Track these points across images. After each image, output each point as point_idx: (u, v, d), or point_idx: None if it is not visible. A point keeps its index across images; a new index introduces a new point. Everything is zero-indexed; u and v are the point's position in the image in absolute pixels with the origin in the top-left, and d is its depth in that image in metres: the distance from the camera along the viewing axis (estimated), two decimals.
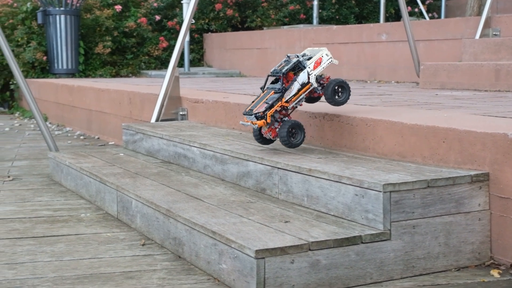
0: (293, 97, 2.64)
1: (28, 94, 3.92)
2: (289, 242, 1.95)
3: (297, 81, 2.64)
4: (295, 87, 2.64)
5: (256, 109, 2.60)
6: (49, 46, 8.05)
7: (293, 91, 2.64)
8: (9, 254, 2.34)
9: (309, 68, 2.66)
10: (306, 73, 2.65)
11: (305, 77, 2.65)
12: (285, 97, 2.63)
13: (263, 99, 2.64)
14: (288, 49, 7.66)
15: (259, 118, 2.59)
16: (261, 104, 2.62)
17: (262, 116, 2.58)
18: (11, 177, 3.85)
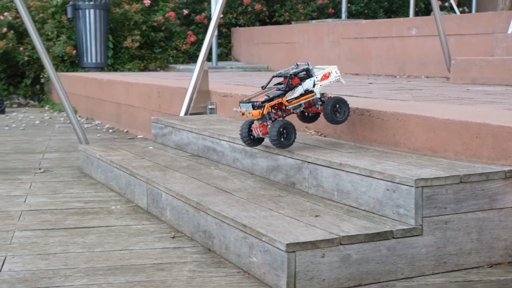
0: (294, 99, 2.59)
1: (59, 88, 3.96)
2: (320, 236, 1.95)
3: (301, 86, 2.60)
4: (299, 90, 2.60)
5: (255, 99, 2.56)
6: (79, 40, 8.12)
7: (295, 93, 2.59)
8: (42, 245, 2.37)
9: (316, 78, 2.62)
10: (313, 81, 2.61)
11: (311, 84, 2.61)
12: (287, 97, 2.58)
13: (264, 93, 2.61)
14: (316, 43, 7.64)
15: (256, 108, 2.52)
16: (261, 96, 2.59)
17: (259, 106, 2.52)
18: (42, 169, 3.90)
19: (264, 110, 2.52)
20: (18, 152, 4.55)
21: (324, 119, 2.69)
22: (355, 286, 1.96)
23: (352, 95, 3.66)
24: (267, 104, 2.53)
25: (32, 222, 2.69)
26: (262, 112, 2.52)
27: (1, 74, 8.13)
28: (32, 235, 2.51)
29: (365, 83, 4.97)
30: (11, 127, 6.08)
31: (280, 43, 8.34)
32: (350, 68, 7.09)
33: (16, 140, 5.19)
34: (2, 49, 7.92)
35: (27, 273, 2.06)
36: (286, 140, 2.55)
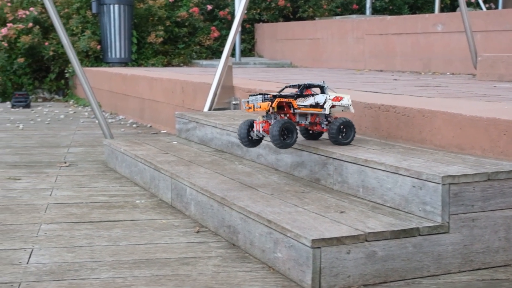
0: (303, 107, 2.56)
1: (84, 83, 3.99)
2: (345, 232, 1.94)
3: (313, 97, 2.58)
4: (309, 100, 2.57)
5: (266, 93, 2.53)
6: (103, 35, 8.17)
7: (306, 102, 2.56)
8: (68, 238, 2.39)
9: (329, 96, 2.59)
10: (325, 97, 2.58)
11: (322, 99, 2.58)
12: (297, 101, 2.55)
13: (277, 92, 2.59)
14: (340, 39, 7.60)
15: (266, 100, 2.47)
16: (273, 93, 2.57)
17: (270, 98, 2.46)
18: (68, 163, 3.93)
19: (273, 103, 2.47)
20: (44, 146, 4.59)
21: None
22: (380, 283, 1.95)
23: (377, 91, 3.64)
24: (278, 99, 2.48)
25: (58, 215, 2.71)
26: (271, 105, 2.46)
27: (27, 69, 8.21)
28: (58, 228, 2.53)
29: (389, 80, 4.94)
30: (37, 121, 6.14)
31: (303, 39, 8.31)
32: (374, 65, 7.04)
33: (41, 134, 5.24)
34: (28, 44, 7.99)
35: (54, 266, 2.08)
36: (288, 140, 2.48)
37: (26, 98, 7.44)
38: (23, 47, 8.01)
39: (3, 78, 8.03)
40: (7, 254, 2.19)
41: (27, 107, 7.36)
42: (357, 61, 7.29)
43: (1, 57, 8.03)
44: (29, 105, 7.41)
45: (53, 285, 1.91)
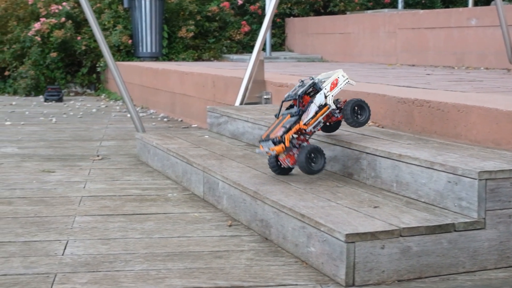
0: (310, 120, 2.50)
1: (117, 77, 4.02)
2: (379, 227, 1.93)
3: (314, 103, 2.50)
4: (312, 109, 2.50)
5: (273, 134, 2.47)
6: (134, 30, 8.23)
7: (310, 114, 2.49)
8: (102, 230, 2.42)
9: (326, 90, 2.52)
10: (323, 94, 2.51)
11: (322, 98, 2.51)
12: (303, 120, 2.48)
13: (280, 124, 2.51)
14: (371, 34, 7.55)
15: (277, 143, 2.44)
16: (278, 128, 2.50)
17: (280, 140, 2.44)
18: (100, 156, 3.97)
19: (285, 143, 2.44)
20: (77, 140, 4.64)
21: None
22: (414, 278, 1.94)
23: (410, 86, 3.60)
24: (287, 136, 2.44)
25: (92, 208, 2.74)
26: (285, 145, 2.45)
27: (59, 63, 8.30)
28: (92, 220, 2.55)
29: (422, 74, 4.89)
30: (69, 115, 6.20)
31: (334, 34, 8.27)
32: (406, 59, 6.98)
33: (74, 128, 5.30)
34: (61, 39, 8.08)
35: (89, 257, 2.10)
36: (316, 165, 2.45)
37: (58, 92, 7.52)
38: (56, 41, 8.10)
39: (36, 72, 8.14)
40: (42, 246, 2.22)
41: (59, 101, 7.44)
42: (389, 56, 7.23)
43: (35, 52, 8.13)
44: (61, 99, 7.49)
45: (88, 277, 1.93)
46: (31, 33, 8.16)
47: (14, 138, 4.66)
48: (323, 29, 8.51)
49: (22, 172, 3.48)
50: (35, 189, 3.07)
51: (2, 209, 2.70)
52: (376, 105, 3.08)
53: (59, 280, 1.90)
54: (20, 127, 5.27)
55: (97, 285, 1.86)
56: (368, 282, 1.89)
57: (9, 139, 4.62)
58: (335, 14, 9.15)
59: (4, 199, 2.87)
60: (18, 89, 8.13)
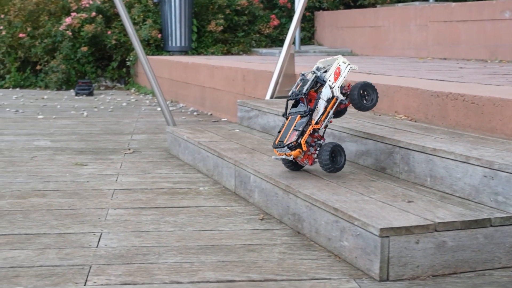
0: (321, 116, 2.45)
1: (149, 71, 4.04)
2: (414, 221, 1.91)
3: (321, 99, 2.44)
4: (321, 105, 2.44)
5: (288, 139, 2.42)
6: (164, 24, 8.26)
7: (320, 110, 2.44)
8: (135, 223, 2.43)
9: (330, 81, 2.45)
10: (328, 87, 2.44)
11: (328, 92, 2.44)
12: (314, 119, 2.44)
13: (291, 127, 2.46)
14: (402, 27, 7.48)
15: (293, 148, 2.41)
16: (290, 132, 2.44)
17: (296, 145, 2.40)
18: (131, 149, 3.99)
19: (302, 147, 2.41)
20: (108, 133, 4.68)
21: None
22: (450, 274, 1.92)
23: (443, 79, 3.56)
24: (303, 140, 2.40)
25: (125, 201, 2.76)
26: (302, 150, 2.41)
27: (90, 57, 8.37)
28: (125, 213, 2.57)
29: (455, 68, 4.83)
30: (100, 108, 6.26)
31: (364, 27, 8.21)
32: (438, 53, 6.90)
33: (105, 121, 5.34)
34: (91, 33, 8.15)
35: (123, 250, 2.12)
36: (337, 164, 2.44)
37: (89, 86, 7.59)
38: (87, 36, 8.17)
39: (67, 66, 8.22)
40: (77, 238, 2.24)
41: (90, 95, 7.51)
42: (420, 49, 7.15)
43: (66, 46, 8.21)
44: (92, 93, 7.56)
45: (122, 269, 1.94)
46: (62, 28, 8.25)
47: (46, 132, 4.72)
48: (353, 23, 8.45)
49: (55, 165, 3.52)
50: (68, 182, 3.10)
51: (36, 201, 2.74)
52: (409, 98, 3.05)
53: (94, 272, 1.91)
54: (52, 121, 5.33)
55: (132, 277, 1.87)
56: (403, 277, 1.88)
57: (42, 133, 4.67)
58: (365, 7, 9.08)
59: (39, 192, 2.90)
60: (50, 83, 8.23)
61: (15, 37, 8.45)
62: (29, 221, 2.44)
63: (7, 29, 8.48)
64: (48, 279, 1.85)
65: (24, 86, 8.46)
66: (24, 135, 4.56)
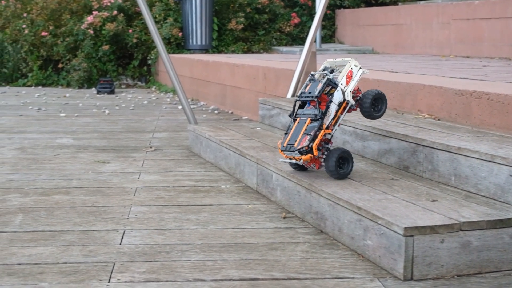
0: (332, 121, 2.39)
1: (170, 69, 4.05)
2: (438, 221, 1.89)
3: (333, 102, 2.37)
4: (333, 109, 2.38)
5: (299, 144, 2.36)
6: (185, 23, 8.28)
7: (331, 115, 2.37)
8: (157, 220, 2.44)
9: (342, 85, 2.38)
10: (340, 91, 2.38)
11: (340, 95, 2.38)
12: (325, 123, 2.37)
13: (301, 130, 2.39)
14: (424, 25, 7.42)
15: (305, 153, 2.34)
16: (301, 136, 2.37)
17: (307, 150, 2.34)
18: (153, 147, 4.01)
19: (314, 152, 2.34)
20: (129, 131, 4.70)
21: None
22: (475, 273, 1.90)
23: (467, 77, 3.53)
24: (314, 146, 2.34)
25: (147, 198, 2.77)
26: (313, 155, 2.35)
27: (111, 56, 8.42)
28: (148, 210, 2.58)
29: (478, 66, 4.79)
30: (121, 107, 6.29)
31: (386, 25, 8.16)
32: (460, 51, 6.84)
33: (126, 119, 5.37)
34: (112, 32, 8.19)
35: (146, 247, 2.12)
36: (344, 170, 2.40)
37: (110, 85, 7.64)
38: (108, 34, 8.22)
39: (88, 64, 8.27)
40: (100, 235, 2.25)
41: (111, 93, 7.55)
42: (442, 47, 7.10)
43: (87, 45, 8.26)
44: (113, 91, 7.60)
45: (145, 266, 1.95)
46: (84, 26, 8.30)
47: (69, 129, 4.75)
48: (375, 21, 8.41)
49: (78, 162, 3.54)
50: (91, 180, 3.12)
51: (60, 198, 2.75)
52: (432, 97, 3.03)
53: (117, 269, 1.92)
54: (74, 119, 5.37)
55: (155, 275, 1.88)
56: (427, 277, 1.86)
57: (64, 130, 4.71)
58: (386, 5, 9.03)
59: (62, 189, 2.92)
60: (71, 81, 8.29)
61: (37, 36, 8.52)
62: (53, 218, 2.46)
63: (30, 27, 8.56)
64: (72, 276, 1.86)
65: (46, 84, 8.53)
66: (47, 132, 4.60)
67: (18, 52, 8.56)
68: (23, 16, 8.73)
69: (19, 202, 2.70)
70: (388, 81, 3.39)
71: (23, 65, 8.61)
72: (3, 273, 1.88)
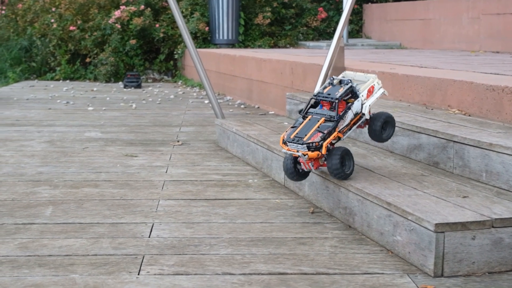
0: (345, 127, 2.33)
1: (198, 63, 4.06)
2: (470, 217, 1.87)
3: (351, 110, 2.32)
4: (349, 116, 2.33)
5: (309, 138, 2.26)
6: (211, 17, 8.29)
7: (346, 121, 2.32)
8: (185, 214, 2.45)
9: (363, 97, 2.34)
10: (360, 102, 2.34)
11: (359, 106, 2.34)
12: (339, 127, 2.31)
13: (313, 126, 2.30)
14: (453, 20, 7.34)
15: (313, 149, 2.25)
16: (313, 131, 2.28)
17: (317, 147, 2.24)
18: (180, 142, 4.02)
19: (323, 150, 2.25)
20: (157, 125, 4.72)
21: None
22: (506, 271, 1.87)
23: (498, 73, 3.48)
24: (325, 144, 2.25)
25: (175, 192, 2.78)
26: (321, 153, 2.25)
27: (138, 50, 8.46)
28: (176, 204, 2.59)
29: (509, 61, 4.72)
30: (148, 101, 6.32)
31: (414, 20, 8.09)
32: (490, 46, 6.76)
33: (153, 113, 5.39)
34: (140, 26, 8.23)
35: (174, 240, 2.13)
36: (347, 168, 2.33)
37: (137, 79, 7.67)
38: (135, 29, 8.25)
39: (116, 59, 8.32)
40: (129, 228, 2.27)
41: (138, 87, 7.59)
42: (472, 43, 7.02)
43: (115, 39, 8.31)
44: (140, 86, 7.64)
45: (174, 259, 1.95)
46: (111, 21, 8.35)
47: (97, 123, 4.79)
48: (403, 15, 8.33)
49: (106, 156, 3.56)
50: (120, 173, 3.14)
51: (89, 191, 2.78)
52: (463, 92, 3.00)
53: (147, 262, 1.93)
54: (102, 112, 5.41)
55: (184, 268, 1.88)
56: (458, 273, 1.84)
57: (93, 124, 4.74)
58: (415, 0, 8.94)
59: (91, 182, 2.95)
60: (99, 75, 8.35)
61: (65, 30, 8.59)
62: (82, 210, 2.48)
63: (58, 22, 8.63)
64: (102, 268, 1.88)
65: (73, 78, 8.60)
66: (75, 126, 4.64)
67: (46, 46, 8.64)
68: (51, 11, 8.80)
69: (49, 194, 2.72)
70: (418, 76, 3.36)
71: (51, 59, 8.70)
72: (35, 264, 1.91)
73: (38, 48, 8.68)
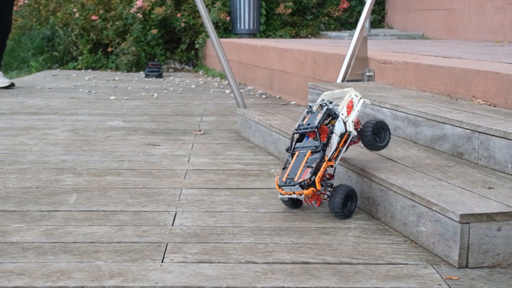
0: (334, 153, 2.25)
1: (220, 53, 4.05)
2: (495, 208, 1.85)
3: (334, 133, 2.23)
4: (335, 140, 2.24)
5: (299, 177, 2.19)
6: (233, 7, 8.28)
7: (333, 146, 2.24)
8: (208, 203, 2.45)
9: (343, 115, 2.25)
10: (341, 121, 2.25)
11: (342, 126, 2.25)
12: (327, 155, 2.23)
13: (301, 163, 2.23)
14: (478, 9, 7.26)
15: (306, 187, 2.17)
16: (301, 169, 2.21)
17: (309, 184, 2.17)
18: (202, 131, 4.03)
19: (317, 186, 2.18)
20: (178, 115, 4.73)
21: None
22: None
23: None
24: (317, 179, 2.18)
25: (197, 181, 2.79)
26: (316, 189, 2.19)
27: (159, 40, 8.48)
28: (198, 193, 2.60)
29: None
30: (169, 90, 6.33)
31: (437, 10, 8.01)
32: None
33: (175, 103, 5.41)
34: (161, 16, 8.24)
35: (197, 229, 2.14)
36: (348, 208, 2.26)
37: (159, 68, 7.70)
38: (157, 18, 8.27)
39: (137, 48, 8.35)
40: (153, 216, 2.28)
41: (159, 77, 7.61)
42: (496, 33, 6.93)
43: (136, 29, 8.34)
44: (161, 75, 7.66)
45: (198, 247, 1.96)
46: (133, 10, 8.38)
47: (119, 112, 4.81)
48: (426, 5, 8.25)
49: (128, 145, 3.58)
50: (142, 162, 3.15)
51: (112, 179, 2.79)
52: (488, 83, 2.96)
53: (170, 250, 1.94)
54: (124, 102, 5.43)
55: (207, 256, 1.89)
56: (482, 265, 1.83)
57: (115, 113, 4.77)
58: None
59: (114, 170, 2.96)
60: (120, 65, 8.38)
61: (87, 20, 8.63)
62: (106, 198, 2.50)
63: (80, 11, 8.67)
64: (126, 255, 1.89)
65: (95, 68, 8.65)
66: (98, 115, 4.67)
67: (68, 35, 8.70)
68: (73, 0, 8.85)
69: (72, 182, 2.74)
70: (442, 67, 3.33)
71: (74, 48, 8.75)
72: (60, 250, 1.92)
73: (61, 38, 8.73)
